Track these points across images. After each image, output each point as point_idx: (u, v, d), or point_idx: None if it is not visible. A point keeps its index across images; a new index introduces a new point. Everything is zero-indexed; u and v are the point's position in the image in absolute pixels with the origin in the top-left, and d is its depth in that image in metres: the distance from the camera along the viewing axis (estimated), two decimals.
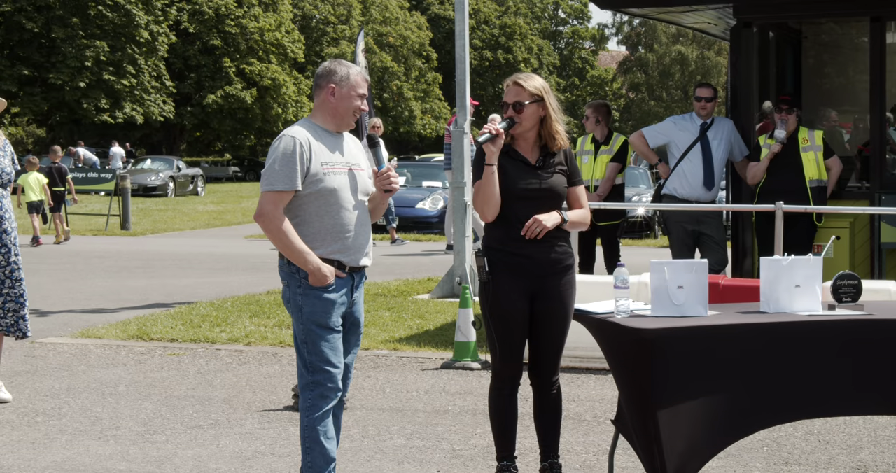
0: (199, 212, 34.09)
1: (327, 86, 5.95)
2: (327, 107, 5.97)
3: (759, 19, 11.86)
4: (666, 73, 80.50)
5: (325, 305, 5.86)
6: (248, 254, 20.70)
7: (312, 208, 5.85)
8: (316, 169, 5.82)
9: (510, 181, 6.08)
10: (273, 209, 5.77)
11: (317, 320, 5.86)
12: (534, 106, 6.11)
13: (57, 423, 8.05)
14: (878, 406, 6.14)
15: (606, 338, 6.00)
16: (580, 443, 7.43)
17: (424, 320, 12.30)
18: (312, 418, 5.90)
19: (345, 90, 5.93)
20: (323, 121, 5.99)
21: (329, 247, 5.87)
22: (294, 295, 5.90)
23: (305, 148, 5.81)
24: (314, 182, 5.82)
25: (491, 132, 6.01)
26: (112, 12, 53.08)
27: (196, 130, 66.00)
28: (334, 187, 5.85)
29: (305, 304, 5.87)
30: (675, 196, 11.27)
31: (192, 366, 10.12)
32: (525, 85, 6.10)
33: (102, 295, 14.93)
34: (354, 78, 5.96)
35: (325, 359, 5.87)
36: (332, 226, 5.87)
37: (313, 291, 5.84)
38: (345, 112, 5.96)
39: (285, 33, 63.62)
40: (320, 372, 5.87)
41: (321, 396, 5.90)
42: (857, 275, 6.18)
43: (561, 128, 6.16)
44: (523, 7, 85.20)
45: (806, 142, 10.97)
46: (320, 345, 5.87)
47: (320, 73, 6.01)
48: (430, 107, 71.83)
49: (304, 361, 5.91)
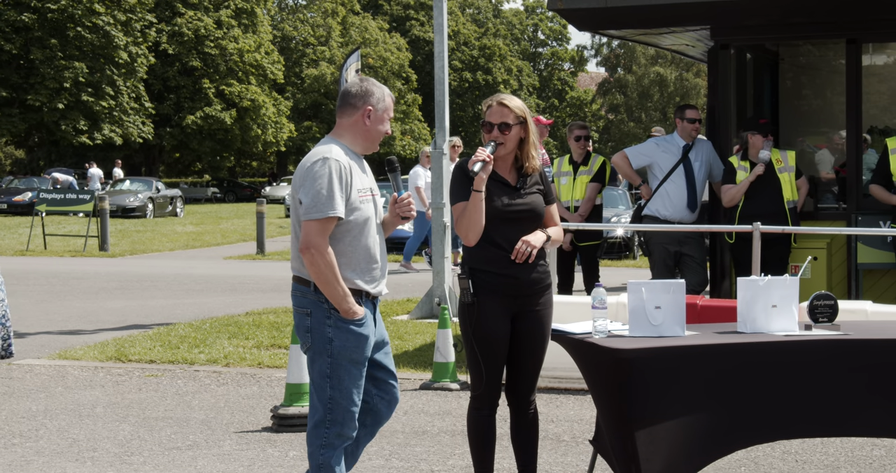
0: (178, 233, 34.02)
1: (364, 107, 5.67)
2: (359, 128, 5.70)
3: (737, 41, 11.93)
4: (645, 95, 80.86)
5: (359, 340, 5.60)
6: (226, 275, 20.67)
7: (349, 237, 5.59)
8: (354, 196, 5.57)
9: (494, 203, 6.09)
10: (322, 241, 5.45)
11: (349, 355, 5.57)
12: (517, 127, 6.12)
13: (34, 445, 8.01)
14: (855, 427, 6.16)
15: (584, 358, 6.01)
16: (558, 463, 7.43)
17: (403, 341, 12.29)
18: (328, 456, 5.60)
19: (380, 113, 5.69)
20: (352, 142, 5.71)
21: (363, 278, 5.64)
22: (321, 326, 5.58)
23: (347, 173, 5.54)
24: (352, 209, 5.56)
25: (484, 160, 6.00)
26: (91, 33, 53.05)
27: (175, 151, 65.99)
28: (368, 216, 5.63)
29: (336, 337, 5.57)
30: (657, 217, 11.29)
31: (171, 387, 10.09)
32: (511, 105, 6.10)
33: (80, 316, 14.88)
34: (388, 101, 5.72)
35: (349, 398, 5.59)
36: (364, 256, 5.64)
37: (346, 324, 5.56)
38: (377, 135, 5.72)
39: (265, 54, 63.75)
40: (341, 410, 5.60)
41: (339, 435, 5.63)
42: (833, 296, 6.21)
43: (536, 152, 6.19)
44: (503, 29, 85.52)
45: (780, 163, 11.02)
46: (347, 382, 5.58)
47: (355, 93, 5.70)
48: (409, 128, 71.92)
49: (324, 396, 5.59)
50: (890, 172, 10.77)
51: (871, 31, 11.50)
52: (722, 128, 11.85)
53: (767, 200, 10.89)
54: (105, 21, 53.22)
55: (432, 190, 14.42)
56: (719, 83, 11.90)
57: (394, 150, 69.07)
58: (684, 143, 11.36)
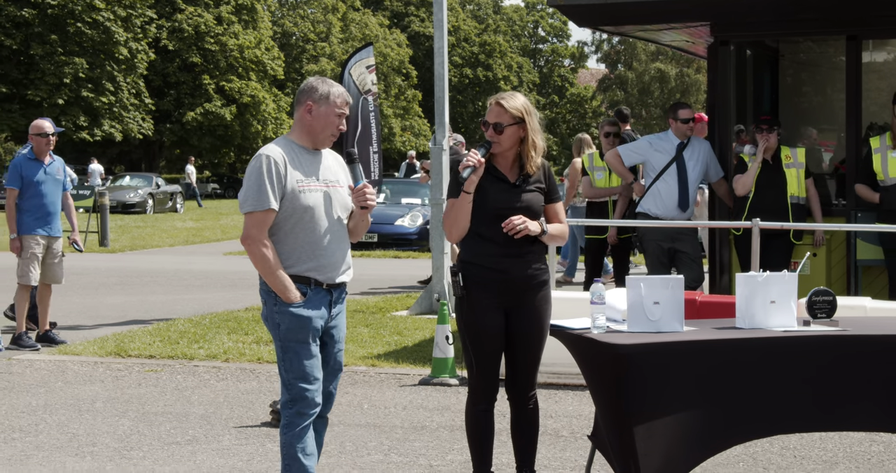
0: (178, 228, 34.02)
1: (305, 102, 5.93)
2: (303, 123, 5.95)
3: (736, 38, 11.92)
4: (645, 91, 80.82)
5: (301, 321, 5.86)
6: (226, 271, 20.67)
7: (287, 226, 5.84)
8: (291, 186, 5.81)
9: (489, 199, 6.10)
10: (258, 233, 5.79)
11: (293, 336, 5.86)
12: (514, 127, 6.12)
13: (33, 440, 8.02)
14: (853, 422, 6.17)
15: (583, 354, 6.02)
16: (557, 459, 7.44)
17: (403, 336, 12.30)
18: (291, 435, 5.90)
19: (322, 108, 5.90)
20: (299, 138, 5.97)
21: (304, 265, 5.87)
22: (271, 313, 5.91)
23: (281, 166, 5.80)
24: (289, 200, 5.81)
25: (473, 165, 6.03)
26: (91, 29, 53.01)
27: (175, 147, 65.96)
28: (308, 205, 5.84)
29: (282, 321, 5.87)
30: (648, 215, 11.32)
31: (170, 383, 10.10)
32: (507, 106, 6.11)
33: (80, 311, 14.89)
34: (334, 97, 5.92)
35: (301, 376, 5.87)
36: (306, 244, 5.86)
37: (288, 308, 5.84)
38: (321, 130, 5.93)
39: (265, 50, 63.72)
40: (297, 389, 5.88)
41: (298, 413, 5.90)
42: (832, 291, 6.22)
43: (535, 153, 6.17)
44: (503, 25, 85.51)
45: (789, 158, 11.05)
46: (297, 362, 5.87)
47: (301, 90, 6.00)
48: (409, 124, 71.93)
49: (283, 378, 5.92)
50: (873, 171, 10.84)
51: (872, 27, 11.49)
52: (721, 125, 11.85)
53: (771, 195, 10.93)
54: (105, 17, 53.17)
55: (432, 186, 14.43)
56: (719, 80, 11.89)
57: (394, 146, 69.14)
58: (678, 142, 11.35)
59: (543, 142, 6.24)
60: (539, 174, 6.22)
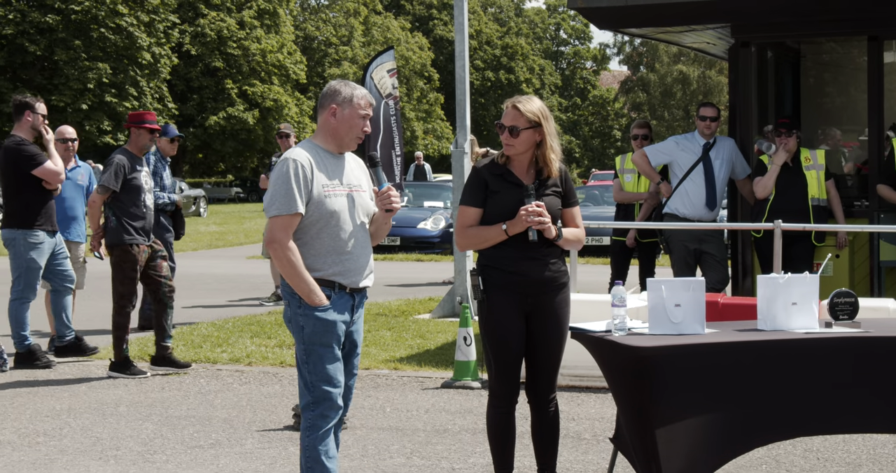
0: (202, 233, 34.09)
1: (329, 106, 5.94)
2: (328, 127, 5.95)
3: (757, 39, 11.90)
4: (668, 93, 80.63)
5: (326, 325, 5.86)
6: (249, 275, 20.72)
7: (313, 230, 5.85)
8: (317, 191, 5.81)
9: (504, 204, 6.11)
10: (283, 236, 5.77)
11: (318, 339, 5.86)
12: (529, 131, 6.13)
13: (57, 444, 8.06)
14: (877, 424, 6.15)
15: (604, 357, 6.02)
16: (579, 462, 7.44)
17: (425, 339, 12.31)
18: (313, 437, 5.91)
19: (346, 111, 5.91)
20: (324, 141, 5.97)
21: (329, 269, 5.87)
22: (295, 315, 5.91)
23: (308, 170, 5.80)
24: (315, 204, 5.81)
25: (541, 228, 6.09)
26: (114, 35, 53.19)
27: (198, 152, 66.14)
28: (334, 210, 5.85)
29: (306, 324, 5.87)
30: (676, 215, 11.31)
31: (193, 386, 10.13)
32: (523, 110, 6.12)
33: (104, 315, 14.88)
34: (358, 99, 5.93)
35: (325, 379, 5.87)
36: (331, 249, 5.87)
37: (313, 312, 5.84)
38: (345, 133, 5.93)
39: (287, 55, 63.83)
40: (321, 391, 5.88)
41: (321, 416, 5.90)
42: (853, 293, 6.21)
43: (554, 157, 6.17)
44: (525, 28, 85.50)
45: (808, 161, 11.02)
46: (321, 365, 5.87)
47: (324, 93, 5.99)
48: (431, 127, 71.97)
49: (305, 381, 5.92)
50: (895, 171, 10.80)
51: (893, 27, 11.45)
52: (743, 126, 11.83)
53: (791, 197, 10.91)
54: (128, 22, 53.33)
55: (453, 189, 14.43)
56: (740, 81, 11.88)
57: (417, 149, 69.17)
58: (705, 142, 11.35)
59: (560, 147, 6.25)
60: (556, 179, 6.22)
